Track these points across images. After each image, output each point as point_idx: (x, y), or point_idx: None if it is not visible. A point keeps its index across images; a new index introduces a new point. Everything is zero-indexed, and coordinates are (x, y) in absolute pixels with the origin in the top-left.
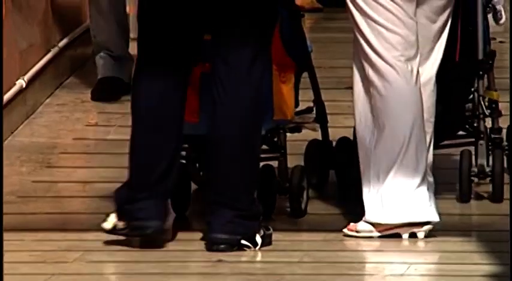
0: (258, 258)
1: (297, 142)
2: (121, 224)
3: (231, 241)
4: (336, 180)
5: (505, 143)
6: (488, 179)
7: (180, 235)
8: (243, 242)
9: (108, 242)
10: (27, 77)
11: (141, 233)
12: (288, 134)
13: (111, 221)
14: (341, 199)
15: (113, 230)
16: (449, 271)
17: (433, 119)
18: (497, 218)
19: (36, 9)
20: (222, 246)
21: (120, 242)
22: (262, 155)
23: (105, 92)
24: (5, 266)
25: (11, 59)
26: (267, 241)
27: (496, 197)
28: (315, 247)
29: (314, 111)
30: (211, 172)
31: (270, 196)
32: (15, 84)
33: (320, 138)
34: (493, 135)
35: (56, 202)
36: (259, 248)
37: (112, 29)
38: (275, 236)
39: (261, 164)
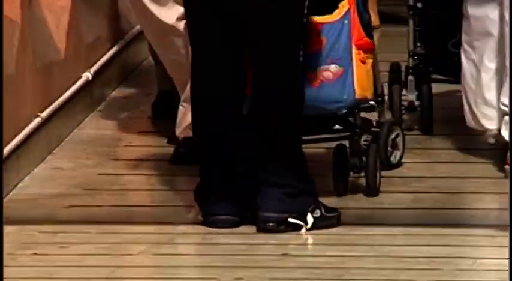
0: (323, 252)
1: None
2: (200, 217)
3: (278, 218)
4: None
5: None
6: None
7: (245, 229)
8: (291, 220)
9: (173, 235)
10: (93, 69)
11: (218, 226)
12: None
13: (194, 212)
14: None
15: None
16: None
17: None
18: None
19: (103, 1)
20: (270, 224)
21: (185, 235)
22: (335, 135)
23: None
24: (70, 258)
25: (77, 52)
26: (323, 223)
27: None
28: (380, 241)
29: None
30: (258, 150)
31: (342, 175)
32: (81, 77)
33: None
34: None
35: (121, 194)
36: (309, 229)
37: None
38: (340, 230)
39: (335, 144)
